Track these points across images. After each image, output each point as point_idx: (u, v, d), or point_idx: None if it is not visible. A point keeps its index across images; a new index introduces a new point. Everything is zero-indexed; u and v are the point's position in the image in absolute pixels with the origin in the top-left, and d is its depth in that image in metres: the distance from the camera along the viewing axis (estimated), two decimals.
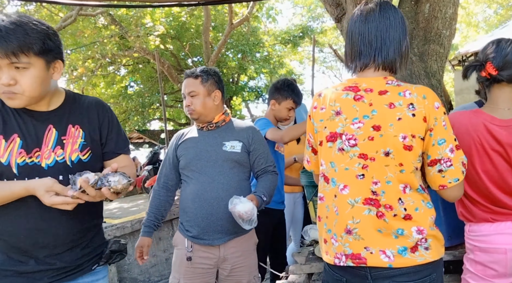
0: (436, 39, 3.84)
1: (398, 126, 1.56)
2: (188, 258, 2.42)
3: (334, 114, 1.66)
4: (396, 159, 1.57)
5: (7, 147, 1.58)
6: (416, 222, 1.57)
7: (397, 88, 1.63)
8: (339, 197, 1.63)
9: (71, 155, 1.69)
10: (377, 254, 1.57)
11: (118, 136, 1.87)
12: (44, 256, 1.65)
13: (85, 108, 1.78)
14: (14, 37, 1.47)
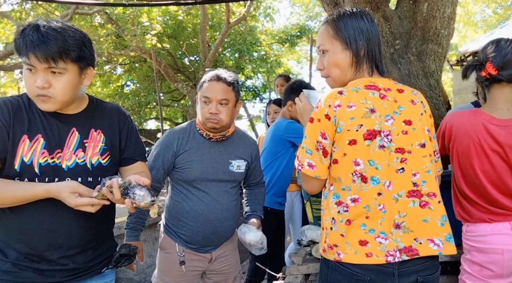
0: (435, 38, 3.84)
1: (423, 121, 1.69)
2: (182, 262, 2.38)
3: (369, 111, 1.64)
4: (429, 150, 1.68)
5: (31, 147, 1.62)
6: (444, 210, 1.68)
7: (407, 88, 1.77)
8: (385, 194, 1.62)
9: (92, 158, 1.74)
10: (425, 243, 1.61)
11: (137, 143, 1.94)
12: (58, 257, 1.70)
13: (107, 114, 1.84)
14: (54, 43, 1.53)
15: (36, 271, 1.67)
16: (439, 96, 3.88)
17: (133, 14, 11.52)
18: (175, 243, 2.42)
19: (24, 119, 1.64)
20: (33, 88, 1.58)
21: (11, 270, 1.64)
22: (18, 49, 1.56)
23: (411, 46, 3.88)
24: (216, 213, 2.40)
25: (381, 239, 1.61)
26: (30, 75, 1.58)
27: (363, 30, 1.74)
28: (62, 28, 1.58)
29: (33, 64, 1.55)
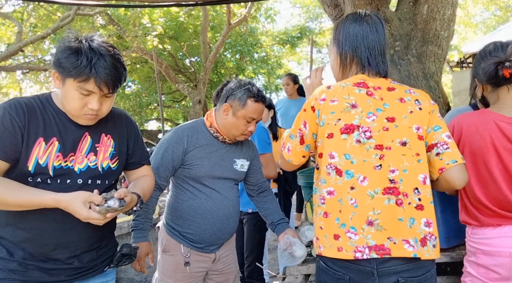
0: (434, 40, 3.84)
1: (411, 118, 1.65)
2: (187, 263, 2.38)
3: (350, 106, 1.68)
4: (413, 149, 1.62)
5: (46, 149, 1.65)
6: (426, 214, 1.60)
7: (402, 87, 1.75)
8: (358, 189, 1.62)
9: (103, 162, 1.79)
10: (400, 244, 1.57)
11: (143, 148, 2.01)
12: (66, 257, 1.73)
13: (115, 119, 1.89)
14: (120, 74, 1.65)
15: (43, 270, 1.69)
16: (439, 97, 3.88)
17: (134, 15, 11.53)
18: (180, 244, 2.40)
19: (39, 122, 1.65)
20: (83, 109, 1.65)
21: (17, 269, 1.66)
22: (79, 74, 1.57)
23: (411, 47, 3.88)
24: (224, 209, 2.42)
25: (351, 234, 1.61)
26: (81, 97, 1.62)
27: (353, 35, 1.79)
28: (117, 54, 1.66)
29: (95, 91, 1.61)
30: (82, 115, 1.67)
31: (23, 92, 15.33)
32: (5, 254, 1.66)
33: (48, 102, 1.72)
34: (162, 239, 2.49)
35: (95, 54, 1.58)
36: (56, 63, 1.61)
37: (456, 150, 1.64)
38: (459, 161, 1.62)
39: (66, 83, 1.61)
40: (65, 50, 1.59)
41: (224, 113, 2.39)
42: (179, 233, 2.42)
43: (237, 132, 2.39)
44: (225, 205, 2.43)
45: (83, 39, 1.62)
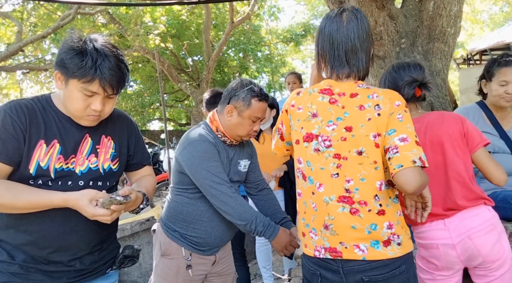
0: (441, 37, 3.80)
1: (368, 126, 1.67)
2: (188, 266, 2.35)
3: (311, 116, 1.76)
4: (370, 157, 1.66)
5: (48, 152, 1.65)
6: (387, 217, 1.66)
7: (366, 91, 1.74)
8: (317, 195, 1.73)
9: (104, 163, 1.80)
10: (351, 248, 1.67)
11: (143, 149, 2.03)
12: (68, 259, 1.73)
13: (115, 121, 1.89)
14: (124, 76, 1.67)
15: (44, 272, 1.69)
16: (446, 95, 3.83)
17: (136, 14, 11.50)
18: (181, 248, 2.36)
19: (40, 124, 1.65)
20: (86, 109, 1.65)
21: (19, 272, 1.66)
22: (84, 75, 1.57)
23: (417, 44, 3.83)
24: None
25: (312, 234, 1.77)
26: (85, 98, 1.62)
27: (324, 34, 1.81)
28: (120, 55, 1.67)
29: (99, 92, 1.62)
30: (84, 116, 1.67)
31: (24, 93, 15.36)
32: (6, 257, 1.65)
33: (48, 103, 1.71)
34: (161, 242, 2.42)
35: (100, 55, 1.59)
36: (60, 64, 1.60)
37: (406, 153, 1.59)
38: (405, 164, 1.58)
39: (69, 84, 1.61)
40: (69, 51, 1.58)
41: (228, 115, 2.36)
42: (181, 236, 2.37)
43: (243, 133, 2.37)
44: None
45: (87, 40, 1.61)
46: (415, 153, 1.60)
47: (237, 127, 2.35)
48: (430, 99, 3.66)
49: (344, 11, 1.81)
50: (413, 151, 1.60)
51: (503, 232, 2.08)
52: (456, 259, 2.06)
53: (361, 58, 1.77)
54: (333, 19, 1.80)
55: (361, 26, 1.77)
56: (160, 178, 8.99)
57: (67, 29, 11.09)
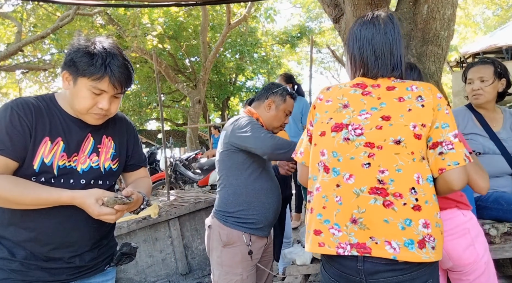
0: (434, 40, 3.83)
1: (408, 117, 1.58)
2: (250, 252, 2.52)
3: (342, 107, 1.69)
4: (409, 147, 1.56)
5: (52, 149, 1.67)
6: (424, 214, 1.53)
7: (404, 84, 1.68)
8: (344, 187, 1.60)
9: (104, 163, 1.82)
10: (382, 244, 1.53)
11: (141, 151, 2.05)
12: (69, 256, 1.75)
13: (116, 122, 1.92)
14: (131, 73, 1.72)
15: (44, 269, 1.70)
16: None
17: (134, 15, 11.54)
18: (242, 234, 2.52)
19: (45, 122, 1.67)
20: (93, 107, 1.68)
21: (19, 269, 1.66)
22: (94, 74, 1.62)
23: (411, 47, 3.88)
24: (278, 186, 2.70)
25: (334, 230, 1.60)
26: (93, 96, 1.66)
27: (360, 39, 1.78)
28: (125, 55, 1.72)
29: (107, 90, 1.66)
30: (91, 114, 1.70)
31: (23, 92, 15.33)
32: (7, 254, 1.66)
33: (53, 102, 1.74)
34: (221, 234, 2.56)
35: (109, 54, 1.64)
36: (69, 63, 1.64)
37: (461, 151, 1.56)
38: (461, 163, 1.55)
39: (78, 82, 1.64)
40: (78, 50, 1.63)
41: (267, 108, 2.74)
42: (241, 221, 2.54)
43: (278, 124, 2.75)
44: (276, 182, 2.71)
45: (95, 41, 1.67)
46: (463, 151, 1.58)
47: (274, 119, 2.73)
48: None
49: (376, 16, 1.79)
50: (464, 149, 1.58)
51: (479, 236, 2.05)
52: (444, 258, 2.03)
53: (397, 59, 1.75)
54: (367, 24, 1.78)
55: (397, 28, 1.77)
56: (156, 177, 8.99)
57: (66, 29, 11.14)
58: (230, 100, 20.79)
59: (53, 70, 13.61)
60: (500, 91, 2.76)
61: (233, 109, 21.78)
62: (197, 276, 4.82)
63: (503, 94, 2.79)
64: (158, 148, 11.40)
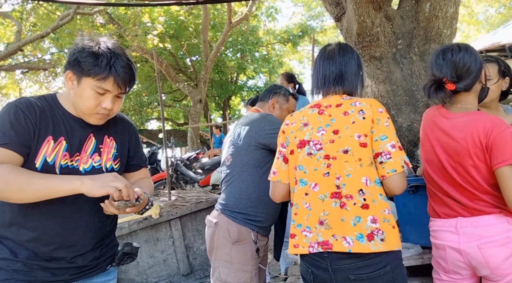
0: (437, 38, 3.83)
1: (353, 128, 1.87)
2: (258, 249, 2.56)
3: (302, 125, 2.01)
4: (355, 155, 1.84)
5: (55, 148, 1.68)
6: (371, 211, 1.79)
7: (349, 101, 1.97)
8: (311, 194, 1.90)
9: (106, 163, 1.84)
10: (340, 240, 1.80)
11: (141, 151, 2.09)
12: (72, 256, 1.75)
13: (117, 123, 1.94)
14: (134, 73, 1.76)
15: (47, 269, 1.71)
16: None
17: (134, 14, 11.53)
18: (250, 232, 2.56)
19: (49, 121, 1.69)
20: (96, 107, 1.70)
21: (22, 269, 1.66)
22: (99, 73, 1.64)
23: (413, 46, 3.86)
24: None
25: (306, 233, 1.90)
26: (96, 96, 1.68)
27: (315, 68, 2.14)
28: (127, 55, 1.75)
29: (111, 90, 1.68)
30: (94, 114, 1.72)
31: (23, 92, 15.35)
32: (9, 255, 1.66)
33: (55, 103, 1.75)
34: (230, 231, 2.57)
35: (114, 54, 1.66)
36: (73, 63, 1.66)
37: (398, 159, 1.79)
38: (398, 170, 1.79)
39: (82, 82, 1.66)
40: (83, 50, 1.65)
41: (271, 107, 2.89)
42: (250, 219, 2.58)
43: (281, 119, 2.70)
44: None
45: (100, 41, 1.69)
46: (402, 158, 1.81)
47: (278, 117, 2.77)
48: (426, 100, 3.70)
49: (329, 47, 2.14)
50: (401, 157, 1.81)
51: None
52: (462, 264, 2.01)
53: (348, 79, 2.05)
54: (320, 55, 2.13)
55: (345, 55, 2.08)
56: (158, 177, 9.00)
57: (66, 29, 11.14)
58: (231, 99, 20.80)
59: (53, 69, 13.65)
60: (504, 90, 2.73)
61: (234, 108, 21.79)
62: (199, 276, 4.82)
63: (506, 92, 2.77)
64: (159, 148, 11.39)
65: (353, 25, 3.86)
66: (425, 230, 2.47)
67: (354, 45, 3.94)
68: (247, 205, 2.58)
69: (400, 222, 2.71)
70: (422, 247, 2.51)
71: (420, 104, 3.68)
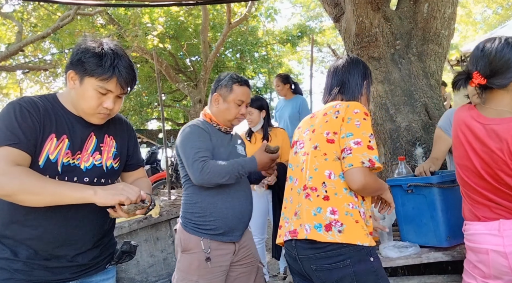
0: (435, 39, 3.85)
1: (325, 126, 2.01)
2: (207, 259, 2.44)
3: (297, 130, 2.28)
4: (322, 150, 1.97)
5: (57, 146, 1.70)
6: (331, 203, 1.89)
7: (333, 103, 2.13)
8: (294, 189, 2.09)
9: (107, 161, 1.87)
10: (303, 228, 1.92)
11: (139, 151, 2.12)
12: (72, 255, 1.77)
13: (116, 123, 1.98)
14: (135, 74, 1.78)
15: (47, 268, 1.72)
16: (440, 96, 3.90)
17: (134, 14, 11.53)
18: (200, 240, 2.47)
19: (51, 119, 1.71)
20: (98, 107, 1.73)
21: (22, 269, 1.67)
22: (102, 74, 1.67)
23: (411, 46, 3.89)
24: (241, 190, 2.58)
25: (286, 223, 2.07)
26: (99, 96, 1.71)
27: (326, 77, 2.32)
28: (127, 55, 1.78)
29: (114, 90, 1.72)
30: (96, 114, 1.75)
31: (23, 93, 15.34)
32: (10, 254, 1.67)
33: (56, 102, 1.77)
34: (181, 239, 2.53)
35: (117, 55, 1.70)
36: (76, 63, 1.69)
37: (357, 155, 1.84)
38: (354, 164, 1.84)
39: (84, 82, 1.69)
40: (87, 51, 1.68)
41: (215, 103, 2.65)
42: (199, 227, 2.49)
43: (231, 117, 2.62)
44: (242, 186, 2.59)
45: (103, 42, 1.73)
46: (365, 155, 1.85)
47: (225, 112, 2.61)
48: (424, 100, 3.72)
49: (339, 59, 2.29)
50: (364, 154, 1.85)
51: None
52: (506, 269, 1.86)
53: (340, 89, 2.21)
54: (330, 67, 2.32)
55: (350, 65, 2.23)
56: (157, 176, 9.02)
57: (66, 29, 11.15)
58: None
59: (53, 70, 13.62)
60: None
61: None
62: None
63: None
64: (159, 148, 11.41)
65: (352, 25, 3.89)
66: (423, 229, 2.49)
67: (353, 45, 3.97)
68: (194, 215, 2.50)
69: (399, 221, 2.72)
70: (420, 246, 2.52)
71: (418, 104, 3.71)
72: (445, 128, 2.89)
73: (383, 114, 3.79)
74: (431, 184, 2.41)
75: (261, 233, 4.24)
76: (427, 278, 2.49)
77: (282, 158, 4.13)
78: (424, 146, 3.54)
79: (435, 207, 2.41)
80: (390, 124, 3.73)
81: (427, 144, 3.53)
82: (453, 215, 2.37)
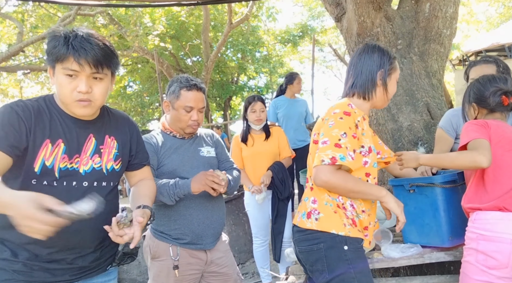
0: (437, 38, 3.84)
1: (316, 127, 2.13)
2: (175, 267, 2.38)
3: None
4: (311, 149, 2.13)
5: (53, 151, 1.65)
6: (314, 194, 2.08)
7: (333, 104, 2.13)
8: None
9: (107, 164, 1.81)
10: (298, 215, 2.13)
11: (144, 149, 2.05)
12: (71, 258, 1.74)
13: (118, 121, 1.91)
14: (102, 49, 1.62)
15: (47, 270, 1.70)
16: (442, 96, 3.88)
17: (135, 15, 11.55)
18: (169, 248, 2.41)
19: (45, 124, 1.66)
20: (73, 93, 1.62)
21: (22, 270, 1.66)
22: (59, 54, 1.58)
23: (413, 46, 3.88)
24: (204, 196, 2.41)
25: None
26: (69, 80, 1.61)
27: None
28: (100, 36, 1.67)
29: (78, 69, 1.59)
30: (74, 102, 1.64)
31: (24, 93, 15.37)
32: (10, 255, 1.66)
33: (52, 104, 1.72)
34: (150, 246, 2.47)
35: (74, 34, 1.59)
36: (46, 56, 1.65)
37: (321, 154, 1.90)
38: (316, 163, 1.91)
39: (55, 72, 1.62)
40: (50, 39, 1.62)
41: (166, 110, 2.52)
42: (167, 234, 2.43)
43: (182, 124, 2.46)
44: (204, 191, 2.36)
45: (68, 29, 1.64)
46: (328, 153, 1.88)
47: (175, 119, 2.46)
48: (426, 100, 3.71)
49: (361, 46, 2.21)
50: (327, 152, 1.89)
51: None
52: None
53: (350, 84, 2.15)
54: (353, 54, 2.26)
55: (363, 54, 2.15)
56: None
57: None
58: (232, 99, 20.79)
59: None
60: None
61: (235, 108, 21.78)
62: None
63: None
64: None
65: (353, 25, 3.88)
66: (425, 229, 2.48)
67: (354, 45, 3.97)
68: (160, 222, 2.44)
69: None
70: (422, 247, 2.51)
71: (420, 104, 3.69)
72: (446, 129, 2.88)
73: (385, 114, 3.77)
74: (433, 184, 2.40)
75: (264, 235, 4.21)
76: (429, 278, 2.48)
77: (280, 155, 4.12)
78: (426, 145, 3.52)
79: (437, 207, 2.39)
80: (392, 124, 3.72)
81: (429, 143, 3.52)
82: (456, 215, 2.36)
